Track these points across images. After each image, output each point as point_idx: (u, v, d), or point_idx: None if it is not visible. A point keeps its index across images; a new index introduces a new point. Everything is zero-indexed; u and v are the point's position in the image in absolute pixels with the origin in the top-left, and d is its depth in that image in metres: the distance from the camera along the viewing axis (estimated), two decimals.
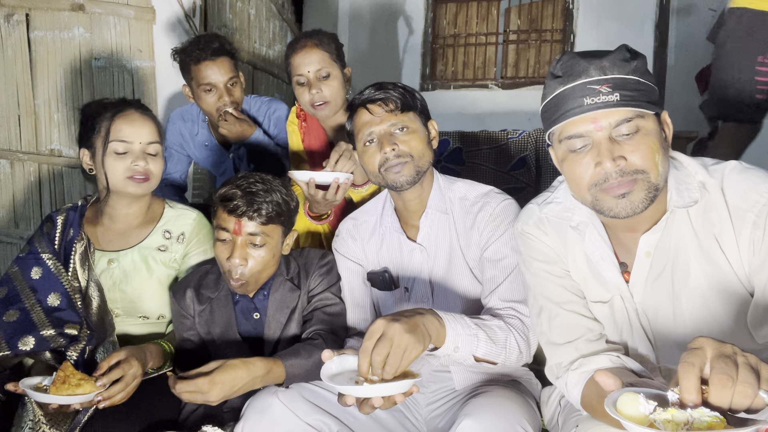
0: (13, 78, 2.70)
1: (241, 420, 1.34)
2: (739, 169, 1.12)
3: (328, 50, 1.97)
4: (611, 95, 1.06)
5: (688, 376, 0.78)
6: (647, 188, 1.08)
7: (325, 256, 1.66)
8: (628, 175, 1.07)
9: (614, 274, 1.21)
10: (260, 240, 1.48)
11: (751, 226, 1.07)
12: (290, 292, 1.59)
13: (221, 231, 1.49)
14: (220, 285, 1.61)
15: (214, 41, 2.21)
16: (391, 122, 1.50)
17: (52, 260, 1.62)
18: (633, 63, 1.08)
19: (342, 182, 1.69)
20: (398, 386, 1.09)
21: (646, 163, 1.07)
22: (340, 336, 1.57)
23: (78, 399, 1.33)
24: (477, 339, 1.30)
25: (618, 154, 1.06)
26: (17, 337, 1.49)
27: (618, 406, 0.83)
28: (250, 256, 1.49)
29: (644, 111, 1.07)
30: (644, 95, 1.07)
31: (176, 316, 1.64)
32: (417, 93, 1.58)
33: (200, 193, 2.90)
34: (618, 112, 1.07)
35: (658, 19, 4.55)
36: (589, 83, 1.07)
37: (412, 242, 1.58)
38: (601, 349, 1.23)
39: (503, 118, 4.64)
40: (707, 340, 0.81)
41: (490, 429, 1.21)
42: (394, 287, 1.60)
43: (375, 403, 1.10)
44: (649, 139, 1.07)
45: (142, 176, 1.60)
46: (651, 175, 1.07)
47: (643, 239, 1.16)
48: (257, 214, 1.46)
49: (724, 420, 0.75)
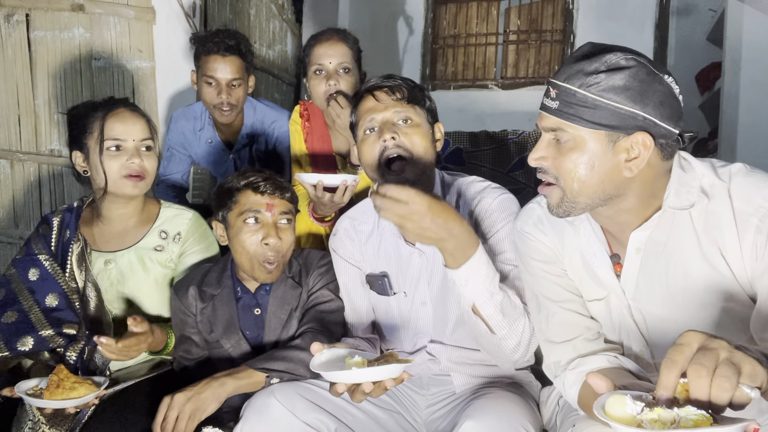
0: (13, 78, 2.70)
1: (240, 421, 1.33)
2: (744, 173, 1.11)
3: (352, 48, 1.99)
4: (554, 101, 1.08)
5: (667, 373, 0.78)
6: (560, 197, 1.12)
7: (325, 257, 1.67)
8: (547, 176, 1.13)
9: (606, 270, 1.21)
10: (288, 218, 1.55)
11: (755, 230, 1.06)
12: (292, 289, 1.59)
13: (250, 214, 1.50)
14: (223, 282, 1.62)
15: (231, 39, 2.22)
16: (395, 110, 1.45)
17: (49, 261, 1.62)
18: (597, 77, 1.04)
19: (350, 184, 1.69)
20: (388, 371, 1.08)
21: (561, 173, 1.10)
22: (335, 333, 1.56)
23: (72, 403, 1.33)
24: (492, 295, 1.27)
25: (540, 155, 1.12)
26: (16, 337, 1.49)
27: (606, 408, 0.83)
28: (282, 235, 1.52)
29: (576, 126, 1.06)
30: (589, 113, 1.05)
31: (177, 314, 1.64)
32: (427, 92, 1.54)
33: (200, 193, 2.91)
34: (552, 120, 1.09)
35: (658, 19, 4.55)
36: (550, 83, 1.10)
37: (411, 246, 1.54)
38: (599, 348, 1.23)
39: (503, 119, 4.64)
40: (694, 335, 0.80)
41: (492, 430, 1.20)
42: (393, 293, 1.57)
43: (365, 388, 1.09)
44: (575, 155, 1.08)
45: (138, 174, 1.60)
46: (565, 186, 1.10)
47: (633, 235, 1.16)
48: (285, 193, 1.55)
49: (710, 418, 0.75)
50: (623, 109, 1.04)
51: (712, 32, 4.08)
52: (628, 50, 1.07)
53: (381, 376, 1.09)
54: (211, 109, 2.30)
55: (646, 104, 1.04)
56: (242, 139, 2.43)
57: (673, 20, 4.56)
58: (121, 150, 1.59)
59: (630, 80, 1.03)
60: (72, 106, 1.72)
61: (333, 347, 1.19)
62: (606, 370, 1.16)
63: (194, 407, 1.34)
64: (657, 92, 1.04)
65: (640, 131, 1.05)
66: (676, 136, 1.08)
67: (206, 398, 1.36)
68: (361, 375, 1.07)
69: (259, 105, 2.44)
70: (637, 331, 1.23)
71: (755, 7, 3.29)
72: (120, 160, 1.58)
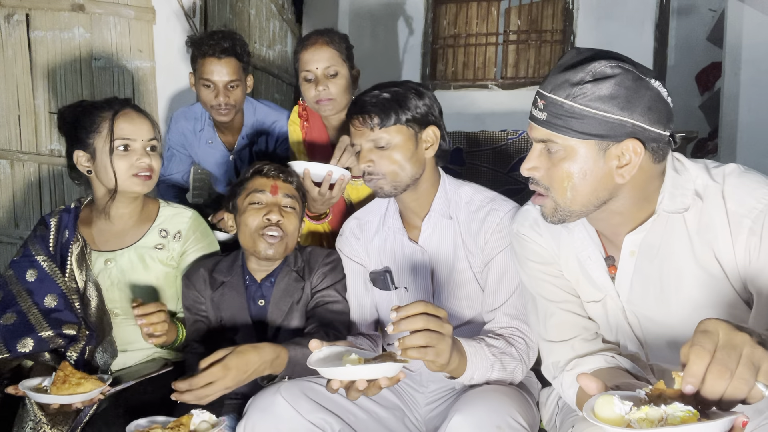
0: (13, 78, 2.70)
1: (244, 418, 1.34)
2: (737, 173, 1.10)
3: (338, 49, 1.97)
4: (542, 113, 1.09)
5: (698, 362, 0.76)
6: (553, 207, 1.13)
7: (331, 254, 1.68)
8: (538, 186, 1.14)
9: (601, 273, 1.21)
10: (291, 204, 1.61)
11: (748, 232, 1.05)
12: (295, 282, 1.62)
13: (256, 194, 1.59)
14: (234, 270, 1.65)
15: (227, 40, 2.21)
16: (368, 138, 1.50)
17: (47, 262, 1.62)
18: (583, 87, 1.04)
19: (337, 178, 1.69)
20: (383, 369, 1.09)
21: (553, 183, 1.11)
22: (341, 333, 1.57)
23: (80, 398, 1.33)
24: (492, 369, 1.34)
25: (532, 165, 1.13)
26: (16, 339, 1.49)
27: (595, 410, 0.83)
28: (286, 216, 1.58)
29: (566, 137, 1.07)
30: (578, 123, 1.05)
31: (188, 299, 1.66)
32: (419, 100, 1.50)
33: (200, 194, 2.91)
34: (541, 131, 1.10)
35: (658, 19, 4.55)
36: (538, 93, 1.11)
37: (414, 243, 1.58)
38: (597, 348, 1.23)
39: (503, 119, 4.65)
40: (720, 324, 0.78)
41: (479, 422, 1.20)
42: (394, 287, 1.60)
43: (359, 386, 1.10)
44: (566, 164, 1.08)
45: (146, 173, 1.61)
46: (557, 196, 1.11)
47: (628, 238, 1.16)
48: (290, 179, 1.64)
49: (697, 414, 0.75)
50: (611, 118, 1.03)
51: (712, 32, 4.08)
52: (613, 56, 1.06)
53: (376, 374, 1.09)
54: (209, 110, 2.30)
55: (633, 111, 1.03)
56: (242, 140, 2.43)
57: (673, 20, 4.56)
58: (130, 150, 1.60)
59: (616, 88, 1.03)
60: (64, 107, 1.71)
61: (332, 344, 1.19)
62: (603, 371, 1.17)
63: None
64: (644, 97, 1.04)
65: (630, 138, 1.05)
66: (667, 138, 1.08)
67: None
68: (355, 372, 1.08)
69: (260, 106, 2.44)
70: (632, 333, 1.23)
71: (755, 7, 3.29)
72: (129, 160, 1.60)
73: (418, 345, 1.09)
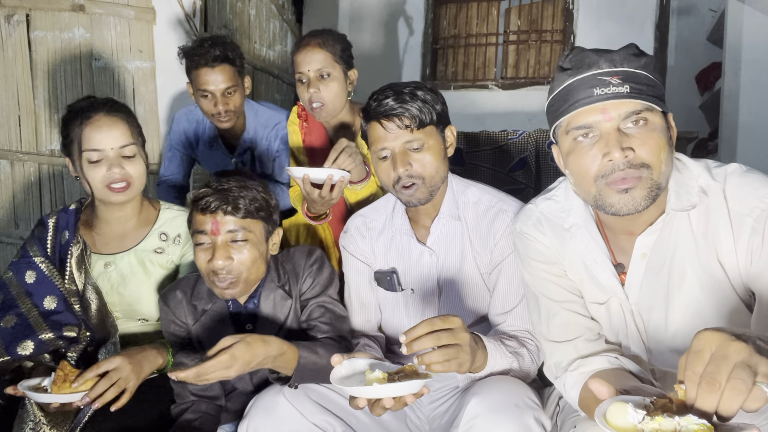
0: (13, 78, 2.70)
1: (246, 418, 1.33)
2: (740, 173, 1.10)
3: (331, 51, 1.96)
4: (621, 87, 1.05)
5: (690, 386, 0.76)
6: (650, 186, 1.06)
7: (312, 252, 1.58)
8: (634, 169, 1.05)
9: (608, 276, 1.21)
10: (242, 236, 1.42)
11: (750, 231, 1.06)
12: (282, 300, 1.53)
13: (199, 235, 1.42)
14: (215, 296, 1.53)
15: (217, 47, 2.17)
16: (405, 140, 1.42)
17: (45, 264, 1.61)
18: (642, 59, 1.08)
19: (337, 180, 1.68)
20: (408, 386, 1.08)
21: (651, 158, 1.05)
22: (350, 342, 1.55)
23: (81, 396, 1.32)
24: (510, 366, 1.36)
25: (626, 145, 1.05)
26: (16, 342, 1.49)
27: (607, 417, 0.83)
28: (234, 254, 1.42)
29: (653, 106, 1.06)
30: (653, 90, 1.07)
31: (167, 326, 1.57)
32: (437, 100, 1.46)
33: None
34: (628, 104, 1.05)
35: (658, 19, 4.54)
36: (600, 74, 1.06)
37: (422, 245, 1.55)
38: (600, 349, 1.23)
39: (503, 119, 4.64)
40: (714, 337, 0.77)
41: (498, 402, 1.22)
42: (401, 289, 1.58)
43: (386, 404, 1.10)
44: (656, 135, 1.06)
45: (121, 184, 1.55)
46: (654, 172, 1.06)
47: (639, 240, 1.16)
48: (233, 208, 1.41)
49: (711, 428, 0.74)
50: (663, 90, 1.10)
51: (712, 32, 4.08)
52: None
53: (402, 392, 1.09)
54: (210, 119, 2.29)
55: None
56: (244, 143, 2.42)
57: (673, 20, 4.56)
58: (102, 160, 1.54)
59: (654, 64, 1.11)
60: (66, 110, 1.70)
61: (352, 357, 1.19)
62: (607, 372, 1.16)
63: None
64: None
65: None
66: None
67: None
68: (383, 391, 1.07)
69: (261, 108, 2.43)
70: (638, 336, 1.23)
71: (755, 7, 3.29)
72: (101, 171, 1.54)
73: (437, 362, 1.09)
